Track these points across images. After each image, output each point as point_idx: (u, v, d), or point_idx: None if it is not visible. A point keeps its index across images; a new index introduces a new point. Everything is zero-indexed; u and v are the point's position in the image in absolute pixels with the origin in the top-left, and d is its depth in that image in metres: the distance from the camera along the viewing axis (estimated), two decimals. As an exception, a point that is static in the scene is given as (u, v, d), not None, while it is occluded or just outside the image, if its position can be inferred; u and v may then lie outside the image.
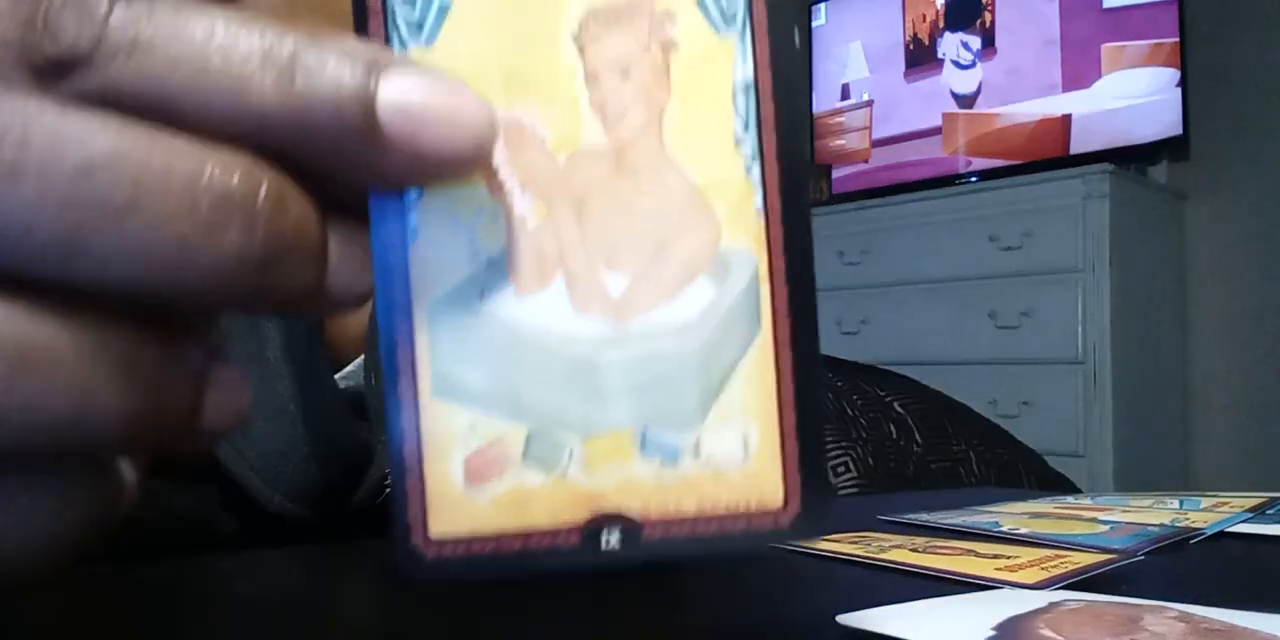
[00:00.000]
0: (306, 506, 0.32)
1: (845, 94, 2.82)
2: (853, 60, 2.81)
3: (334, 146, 0.13)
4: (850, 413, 0.79)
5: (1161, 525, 0.31)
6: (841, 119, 2.83)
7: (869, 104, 2.77)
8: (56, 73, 0.12)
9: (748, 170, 0.18)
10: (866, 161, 2.76)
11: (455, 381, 0.17)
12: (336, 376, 0.37)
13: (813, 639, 0.18)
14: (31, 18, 0.11)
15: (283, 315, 0.32)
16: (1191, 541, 0.29)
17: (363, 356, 0.38)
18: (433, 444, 0.17)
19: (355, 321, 0.40)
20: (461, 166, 0.14)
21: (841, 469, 0.74)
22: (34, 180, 0.11)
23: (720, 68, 0.18)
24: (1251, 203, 2.20)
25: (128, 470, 0.13)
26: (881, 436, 0.78)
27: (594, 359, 0.17)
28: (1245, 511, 0.35)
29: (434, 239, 0.17)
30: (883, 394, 0.84)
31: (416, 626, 0.20)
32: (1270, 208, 2.17)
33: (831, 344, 2.40)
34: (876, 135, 2.75)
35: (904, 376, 0.92)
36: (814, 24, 2.87)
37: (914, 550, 0.26)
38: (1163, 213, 2.26)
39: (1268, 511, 0.35)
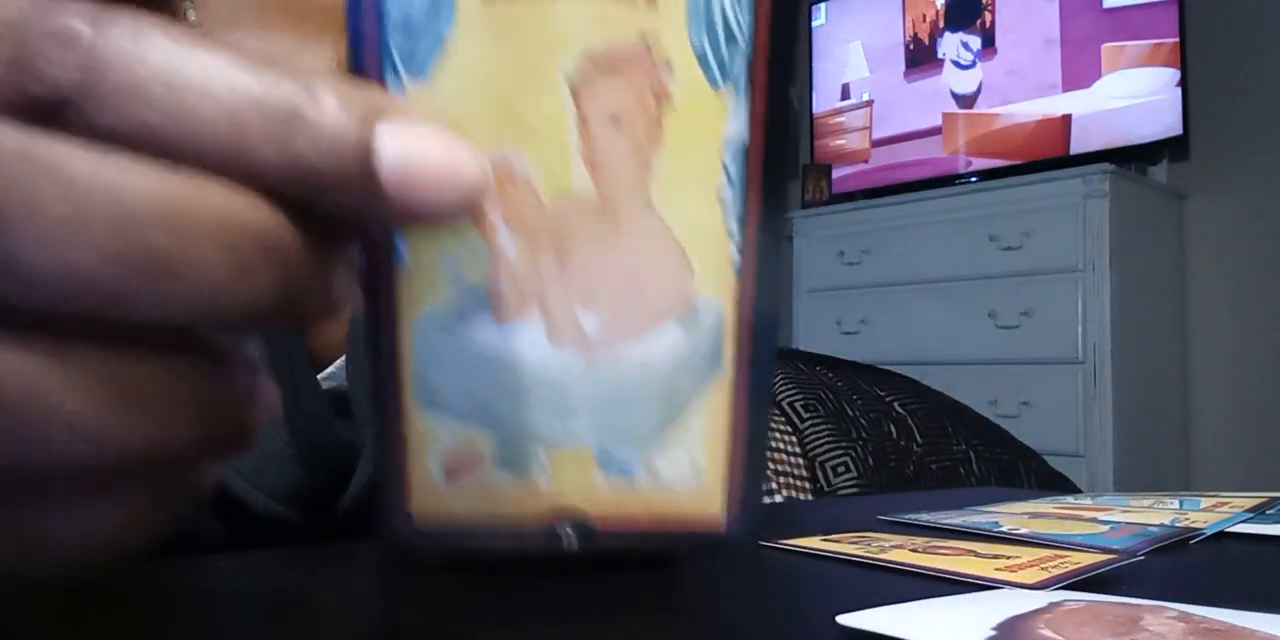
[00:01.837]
0: (294, 509, 0.32)
1: (845, 94, 2.82)
2: (853, 60, 2.81)
3: (328, 194, 0.13)
4: (850, 413, 0.79)
5: (1161, 525, 0.31)
6: (841, 119, 2.83)
7: (869, 104, 2.77)
8: (46, 117, 0.11)
9: (727, 224, 0.18)
10: (866, 161, 2.76)
11: (434, 392, 0.18)
12: (319, 377, 0.37)
13: (813, 639, 0.18)
14: (15, 57, 0.11)
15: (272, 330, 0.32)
16: (1191, 541, 0.29)
17: (344, 357, 0.38)
18: (413, 442, 0.19)
19: (335, 323, 0.40)
20: (452, 217, 0.14)
21: (841, 469, 0.74)
22: (86, 235, 0.10)
23: (713, 122, 0.18)
24: (1251, 203, 2.21)
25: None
26: (881, 436, 0.78)
27: (563, 382, 0.19)
28: (1245, 511, 0.35)
29: (419, 264, 0.18)
30: (883, 394, 0.84)
31: (411, 628, 0.20)
32: (1270, 207, 2.17)
33: (831, 344, 2.40)
34: (876, 135, 2.75)
35: (904, 376, 0.92)
36: (814, 24, 2.87)
37: (914, 550, 0.26)
38: (1163, 212, 2.26)
39: (1268, 511, 0.35)
